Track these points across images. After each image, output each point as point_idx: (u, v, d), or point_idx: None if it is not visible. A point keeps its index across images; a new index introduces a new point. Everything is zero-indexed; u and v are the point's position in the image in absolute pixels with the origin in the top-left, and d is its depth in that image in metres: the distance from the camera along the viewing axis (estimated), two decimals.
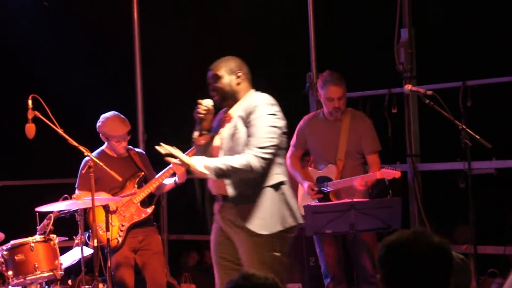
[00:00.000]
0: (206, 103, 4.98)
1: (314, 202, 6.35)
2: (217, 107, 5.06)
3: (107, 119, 6.60)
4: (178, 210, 8.59)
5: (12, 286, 5.88)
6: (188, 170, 4.84)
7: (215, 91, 5.00)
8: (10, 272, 5.89)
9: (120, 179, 6.23)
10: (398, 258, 2.83)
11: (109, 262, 6.07)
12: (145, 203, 6.65)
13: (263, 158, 4.73)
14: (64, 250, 6.32)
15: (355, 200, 5.96)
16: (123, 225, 6.52)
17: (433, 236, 2.87)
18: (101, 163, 5.97)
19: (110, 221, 6.09)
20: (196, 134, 5.00)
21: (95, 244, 5.99)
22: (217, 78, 4.97)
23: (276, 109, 4.90)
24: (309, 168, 6.64)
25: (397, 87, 7.21)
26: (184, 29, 8.44)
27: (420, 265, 2.80)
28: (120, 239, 6.48)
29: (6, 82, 8.38)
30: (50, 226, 6.12)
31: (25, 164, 8.34)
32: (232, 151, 4.83)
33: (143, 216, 6.59)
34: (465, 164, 6.08)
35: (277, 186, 4.87)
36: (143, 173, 6.69)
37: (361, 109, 6.92)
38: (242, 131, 4.83)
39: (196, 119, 5.00)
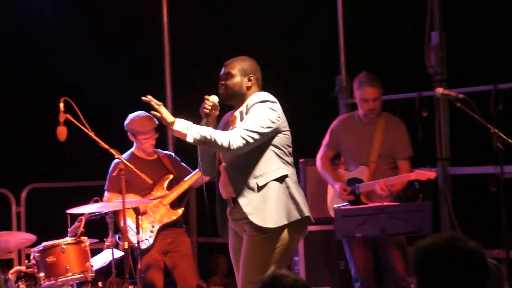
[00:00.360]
0: (212, 99, 4.93)
1: (344, 204, 6.33)
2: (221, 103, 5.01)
3: (134, 116, 6.66)
4: (208, 213, 8.57)
5: (44, 287, 5.88)
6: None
7: (224, 87, 4.96)
8: (41, 274, 5.90)
9: (150, 181, 6.25)
10: (434, 263, 2.79)
11: (139, 264, 6.07)
12: (174, 205, 6.66)
13: (243, 139, 4.68)
14: (95, 252, 6.32)
15: (385, 204, 5.93)
16: (153, 227, 6.53)
17: (470, 241, 2.84)
18: (131, 165, 5.99)
19: (140, 223, 6.10)
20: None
21: (126, 246, 6.02)
22: (230, 76, 4.94)
23: (276, 106, 4.88)
24: (340, 170, 6.61)
25: (428, 90, 7.15)
26: (214, 27, 8.44)
27: (457, 270, 2.76)
28: (150, 241, 6.49)
29: (38, 85, 8.42)
30: (81, 228, 6.13)
31: (56, 166, 8.36)
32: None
33: (173, 218, 6.60)
34: (497, 168, 6.00)
35: (281, 180, 4.84)
36: (172, 175, 6.70)
37: (390, 113, 6.87)
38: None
39: (202, 114, 4.96)
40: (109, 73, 8.44)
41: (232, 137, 4.67)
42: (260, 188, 4.80)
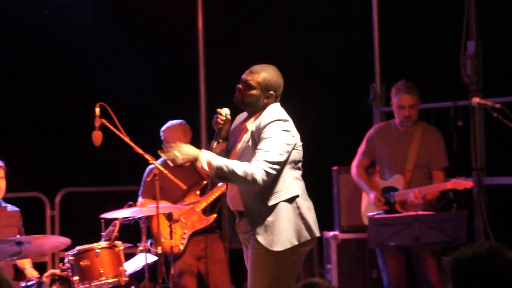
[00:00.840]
0: (225, 112, 4.89)
1: (378, 212, 6.28)
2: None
3: (171, 126, 6.68)
4: None
5: None
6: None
7: (240, 94, 4.85)
8: (76, 277, 5.89)
9: (184, 187, 6.24)
10: (474, 273, 2.74)
11: (172, 269, 6.06)
12: (207, 211, 6.64)
13: (267, 172, 4.61)
14: (128, 256, 6.31)
15: (420, 213, 5.88)
16: (184, 233, 6.53)
17: (509, 251, 2.79)
18: (166, 171, 5.99)
19: (172, 229, 6.10)
20: (214, 143, 4.89)
21: (159, 252, 6.01)
22: (249, 86, 4.81)
23: (288, 125, 4.79)
24: (375, 178, 6.57)
25: (463, 99, 7.08)
26: (248, 30, 8.44)
27: (497, 280, 2.71)
28: (181, 247, 6.49)
29: (74, 90, 8.45)
30: (115, 233, 6.13)
31: (90, 171, 8.38)
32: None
33: (205, 224, 6.59)
34: None
35: (291, 200, 4.74)
36: (205, 181, 6.69)
37: (425, 122, 6.82)
38: (250, 146, 4.74)
39: (214, 127, 4.90)
40: (144, 77, 8.46)
41: (256, 172, 4.58)
42: (270, 208, 4.71)
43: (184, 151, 4.63)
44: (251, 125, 4.81)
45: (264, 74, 4.83)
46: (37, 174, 8.14)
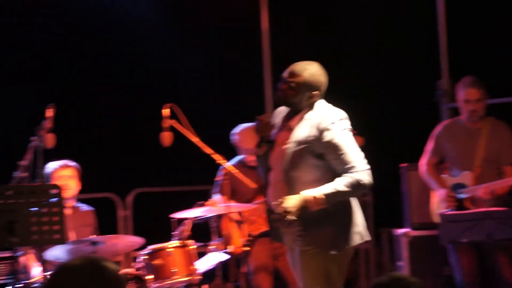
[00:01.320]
0: (266, 119, 4.80)
1: (448, 210, 6.19)
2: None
3: (242, 130, 6.67)
4: None
5: None
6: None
7: (283, 93, 4.75)
8: (149, 276, 5.95)
9: (254, 185, 6.24)
10: None
11: (243, 268, 6.07)
12: None
13: (366, 171, 4.59)
14: (200, 255, 6.34)
15: (492, 209, 5.79)
16: (252, 233, 6.52)
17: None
18: (235, 171, 6.00)
19: (240, 229, 6.11)
20: (259, 150, 4.83)
21: (230, 250, 6.02)
22: (292, 88, 4.71)
23: (347, 122, 4.72)
24: (444, 175, 6.48)
25: None
26: (313, 34, 8.41)
27: None
28: (249, 247, 6.48)
29: (144, 91, 8.54)
30: (187, 232, 6.16)
31: (161, 171, 8.45)
32: (297, 170, 4.64)
33: None
34: None
35: (342, 201, 4.67)
36: None
37: (494, 117, 6.70)
38: (312, 152, 4.62)
39: (257, 135, 4.83)
40: (211, 78, 8.50)
41: (360, 177, 4.55)
42: (322, 209, 4.61)
43: (291, 205, 4.54)
44: (303, 127, 4.69)
45: (306, 74, 4.74)
46: (110, 175, 8.23)
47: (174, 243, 6.08)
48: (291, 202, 4.53)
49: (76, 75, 8.57)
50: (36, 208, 4.88)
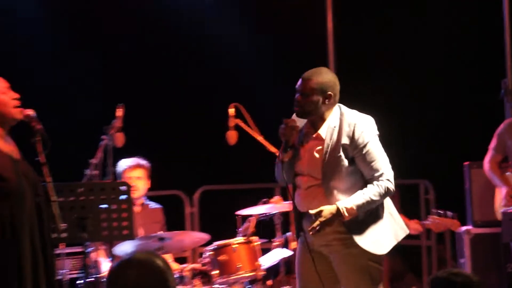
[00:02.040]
0: (292, 123, 4.72)
1: (510, 207, 6.12)
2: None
3: None
4: None
5: (217, 285, 5.98)
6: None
7: (299, 105, 4.71)
8: (215, 272, 6.00)
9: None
10: None
11: None
12: None
13: (388, 179, 4.59)
14: (264, 252, 6.37)
15: None
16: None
17: None
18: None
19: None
20: (284, 155, 4.75)
21: (293, 247, 6.03)
22: (306, 95, 4.66)
23: (375, 127, 4.71)
24: (508, 173, 6.40)
25: None
26: (377, 35, 8.37)
27: None
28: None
29: (210, 90, 8.60)
30: (251, 229, 6.19)
31: (226, 169, 8.50)
32: (334, 178, 4.62)
33: None
34: None
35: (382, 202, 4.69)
36: None
37: None
38: (345, 159, 4.61)
39: (282, 139, 4.75)
40: (276, 78, 8.51)
41: (388, 185, 4.58)
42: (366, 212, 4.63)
43: (328, 215, 4.54)
44: (331, 134, 4.66)
45: (316, 77, 4.69)
46: (177, 174, 8.31)
47: (239, 239, 6.11)
48: (327, 212, 4.54)
49: (144, 75, 8.68)
50: (106, 205, 4.97)
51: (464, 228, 6.88)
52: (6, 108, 4.10)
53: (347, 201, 4.56)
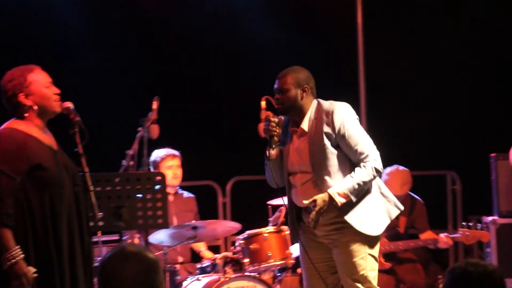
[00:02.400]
0: (275, 119, 4.85)
1: None
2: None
3: (393, 172, 6.79)
4: None
5: (248, 272, 6.05)
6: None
7: (280, 101, 4.83)
8: (246, 260, 6.07)
9: None
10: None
11: None
12: None
13: (378, 159, 4.69)
14: None
15: None
16: None
17: None
18: None
19: None
20: (270, 150, 4.85)
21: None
22: (284, 91, 4.79)
23: (353, 111, 4.80)
24: None
25: None
26: (407, 28, 8.38)
27: None
28: None
29: (243, 84, 8.67)
30: (282, 218, 6.25)
31: (258, 161, 8.55)
32: (323, 166, 4.70)
33: None
34: None
35: (372, 182, 4.76)
36: None
37: None
38: (330, 146, 4.70)
39: (266, 135, 4.87)
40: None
41: (376, 165, 4.66)
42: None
43: (323, 203, 4.61)
44: (313, 126, 4.75)
45: (291, 73, 4.83)
46: (210, 164, 8.40)
47: (270, 228, 6.19)
48: (320, 201, 4.61)
49: (179, 68, 8.78)
50: (141, 195, 5.06)
51: (490, 218, 6.92)
52: (49, 101, 4.20)
53: (338, 187, 4.65)
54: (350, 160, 4.75)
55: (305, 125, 4.82)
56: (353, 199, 4.65)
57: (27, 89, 4.15)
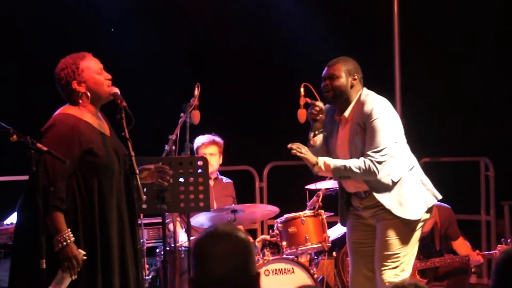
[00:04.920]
0: (320, 104, 4.79)
1: None
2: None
3: None
4: None
5: (286, 255, 6.00)
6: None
7: (330, 89, 4.78)
8: (284, 243, 6.02)
9: None
10: None
11: None
12: None
13: (378, 162, 4.60)
14: (330, 224, 6.37)
15: None
16: None
17: None
18: None
19: None
20: (311, 135, 4.82)
21: None
22: (335, 77, 4.75)
23: (389, 109, 4.71)
24: None
25: None
26: (444, 20, 8.28)
27: None
28: None
29: (282, 72, 8.63)
30: (319, 202, 6.21)
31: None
32: (351, 155, 4.71)
33: None
34: None
35: (411, 171, 4.74)
36: None
37: None
38: (360, 137, 4.68)
39: (309, 119, 4.82)
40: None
41: (369, 164, 4.61)
42: (395, 183, 4.69)
43: (308, 153, 4.71)
44: (353, 116, 4.75)
45: (342, 61, 4.81)
46: (247, 150, 8.34)
47: (307, 212, 6.14)
48: (309, 153, 4.71)
49: (219, 56, 8.76)
50: (183, 179, 5.02)
51: None
52: (101, 87, 4.17)
53: (330, 159, 4.70)
54: (397, 148, 4.71)
55: (347, 113, 4.80)
56: (333, 176, 4.73)
57: (79, 77, 4.13)
